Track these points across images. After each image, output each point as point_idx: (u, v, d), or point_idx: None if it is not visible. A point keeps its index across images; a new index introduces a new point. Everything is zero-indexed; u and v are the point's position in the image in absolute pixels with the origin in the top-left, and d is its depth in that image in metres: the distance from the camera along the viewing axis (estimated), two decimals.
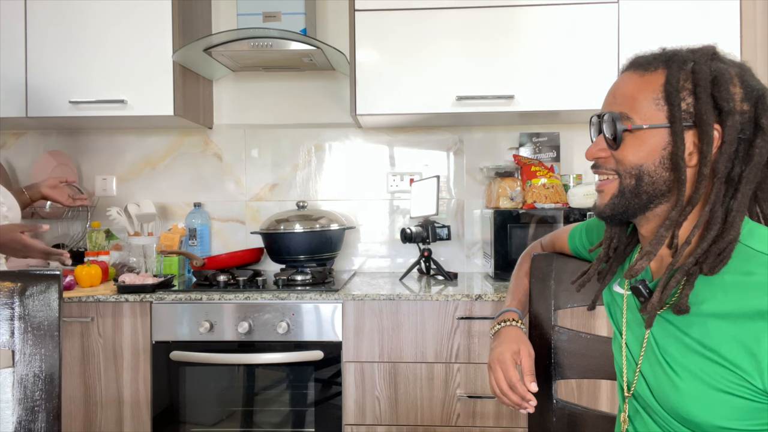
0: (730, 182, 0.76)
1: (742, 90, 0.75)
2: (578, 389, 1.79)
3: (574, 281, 0.97)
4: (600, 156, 0.82)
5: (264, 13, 2.08)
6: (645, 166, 0.78)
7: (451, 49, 2.00)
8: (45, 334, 0.96)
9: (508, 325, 1.09)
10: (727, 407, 0.72)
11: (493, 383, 1.04)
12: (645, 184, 0.78)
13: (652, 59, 0.80)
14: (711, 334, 0.73)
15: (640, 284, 0.81)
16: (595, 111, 2.03)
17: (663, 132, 0.76)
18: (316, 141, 2.43)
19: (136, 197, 2.42)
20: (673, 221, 0.77)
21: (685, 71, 0.76)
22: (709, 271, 0.73)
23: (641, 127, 0.77)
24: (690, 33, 1.94)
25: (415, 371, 1.80)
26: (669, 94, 0.76)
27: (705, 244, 0.74)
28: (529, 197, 2.06)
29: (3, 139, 2.46)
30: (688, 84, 0.76)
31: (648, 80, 0.78)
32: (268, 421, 1.84)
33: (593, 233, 1.07)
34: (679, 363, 0.77)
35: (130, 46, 2.06)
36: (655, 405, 0.82)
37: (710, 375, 0.73)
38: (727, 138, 0.74)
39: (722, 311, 0.72)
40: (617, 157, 0.80)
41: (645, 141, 0.77)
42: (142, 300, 1.82)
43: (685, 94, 0.76)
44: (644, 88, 0.78)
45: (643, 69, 0.79)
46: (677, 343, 0.77)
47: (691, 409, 0.75)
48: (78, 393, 1.85)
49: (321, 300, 1.80)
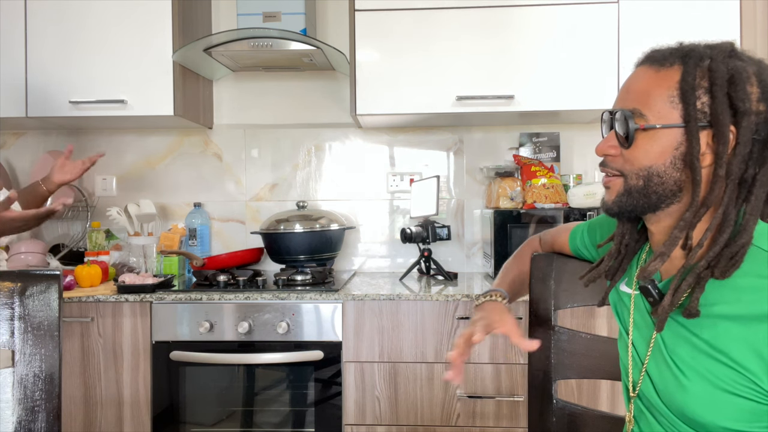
0: (743, 184, 0.74)
1: (759, 89, 0.73)
2: (578, 389, 1.79)
3: (583, 276, 0.95)
4: (609, 153, 0.80)
5: (264, 13, 2.08)
6: (655, 167, 0.76)
7: (451, 48, 2.00)
8: (45, 334, 0.96)
9: (490, 300, 1.05)
10: (734, 409, 0.72)
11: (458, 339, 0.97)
12: (654, 185, 0.76)
13: (669, 54, 0.77)
14: (721, 336, 0.73)
15: (649, 284, 0.80)
16: (595, 111, 2.04)
17: (676, 131, 0.74)
18: (316, 141, 2.43)
19: (136, 197, 2.41)
20: (687, 222, 0.75)
21: (702, 68, 0.74)
22: (721, 275, 0.72)
23: (654, 127, 0.75)
24: (690, 33, 1.93)
25: (415, 371, 1.80)
26: (684, 93, 0.73)
27: (717, 247, 0.73)
28: (529, 197, 2.06)
29: (3, 139, 2.46)
30: (704, 82, 0.73)
31: (663, 76, 0.76)
32: (268, 421, 1.84)
33: (595, 233, 1.07)
34: (687, 364, 0.76)
35: (130, 46, 2.06)
36: (660, 405, 0.82)
37: (718, 376, 0.73)
38: (742, 139, 0.72)
39: (733, 313, 0.72)
40: (627, 156, 0.78)
41: (657, 140, 0.75)
42: (142, 300, 1.82)
43: (700, 92, 0.73)
44: (659, 85, 0.76)
45: (659, 64, 0.77)
46: (686, 344, 0.77)
47: (697, 409, 0.75)
48: (78, 393, 1.85)
49: (321, 300, 1.80)
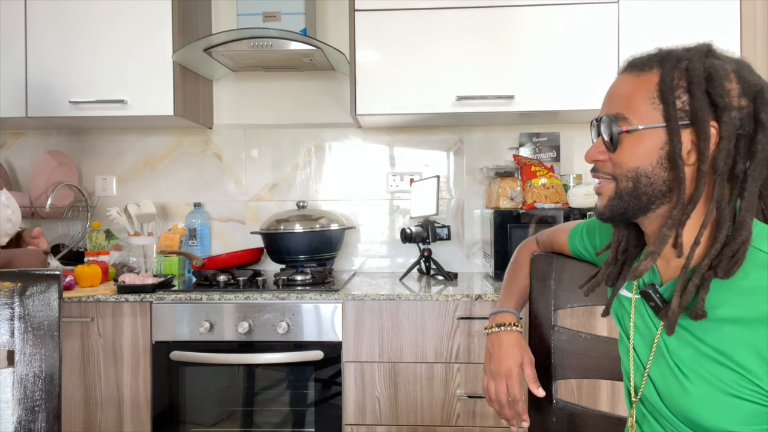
0: (734, 180, 0.75)
1: (738, 85, 0.75)
2: (578, 389, 1.79)
3: (582, 286, 0.96)
4: (598, 159, 0.82)
5: (264, 13, 2.08)
6: (642, 168, 0.77)
7: (451, 49, 2.00)
8: (45, 334, 0.96)
9: (507, 330, 1.08)
10: (738, 412, 0.72)
11: (491, 392, 1.06)
12: (643, 186, 0.78)
13: (647, 59, 0.79)
14: (725, 339, 0.72)
15: (649, 288, 0.80)
16: (595, 111, 2.04)
17: (659, 131, 0.76)
18: (316, 141, 2.43)
19: (136, 197, 2.42)
20: (675, 220, 0.76)
21: (680, 69, 0.76)
22: (724, 274, 0.72)
23: (637, 128, 0.77)
24: (690, 33, 1.94)
25: (415, 371, 1.80)
26: (663, 93, 0.75)
27: (718, 245, 0.73)
28: (529, 197, 2.06)
29: (3, 139, 2.46)
30: (683, 82, 0.75)
31: (643, 80, 0.78)
32: (268, 421, 1.84)
33: (594, 234, 1.06)
34: (690, 367, 0.76)
35: (130, 46, 2.06)
36: (663, 409, 0.81)
37: (722, 380, 0.73)
38: (725, 134, 0.73)
39: (736, 316, 0.72)
40: (614, 159, 0.80)
41: (642, 141, 0.77)
42: (142, 300, 1.82)
43: (680, 92, 0.75)
44: (639, 88, 0.78)
45: (639, 69, 0.79)
46: (689, 348, 0.77)
47: (701, 413, 0.75)
48: (78, 393, 1.85)
49: (321, 300, 1.80)
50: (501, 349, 1.07)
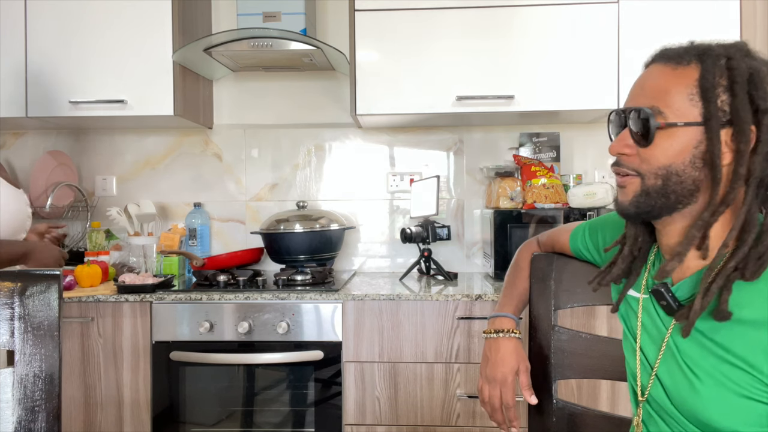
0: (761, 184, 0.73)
1: None
2: (578, 389, 1.79)
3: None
4: (624, 152, 0.78)
5: (264, 13, 2.07)
6: (674, 166, 0.74)
7: (451, 49, 2.00)
8: (45, 334, 0.96)
9: (505, 337, 1.08)
10: (749, 413, 0.72)
11: (485, 396, 1.08)
12: (673, 184, 0.75)
13: (684, 52, 0.76)
14: (737, 339, 0.72)
15: (662, 287, 0.79)
16: (595, 111, 2.04)
17: (695, 129, 0.73)
18: (316, 141, 2.43)
19: (136, 197, 2.42)
20: (705, 222, 0.74)
21: (720, 67, 0.73)
22: (751, 276, 0.71)
23: (675, 124, 0.73)
24: (690, 33, 1.93)
25: (415, 371, 1.80)
26: (705, 90, 0.72)
27: (746, 247, 0.72)
28: (529, 197, 2.06)
29: (3, 139, 2.46)
30: (724, 80, 0.73)
31: (680, 74, 0.74)
32: (268, 421, 1.84)
33: (597, 234, 1.06)
34: (701, 367, 0.75)
35: (130, 46, 2.06)
36: (671, 409, 0.81)
37: (733, 380, 0.72)
38: (763, 137, 0.71)
39: (751, 318, 0.71)
40: (644, 155, 0.76)
41: (676, 138, 0.74)
42: (142, 300, 1.82)
43: (720, 90, 0.72)
44: (677, 83, 0.74)
45: (675, 62, 0.75)
46: (701, 348, 0.76)
47: (711, 413, 0.74)
48: (78, 393, 1.85)
49: (321, 300, 1.80)
50: (498, 356, 1.07)
